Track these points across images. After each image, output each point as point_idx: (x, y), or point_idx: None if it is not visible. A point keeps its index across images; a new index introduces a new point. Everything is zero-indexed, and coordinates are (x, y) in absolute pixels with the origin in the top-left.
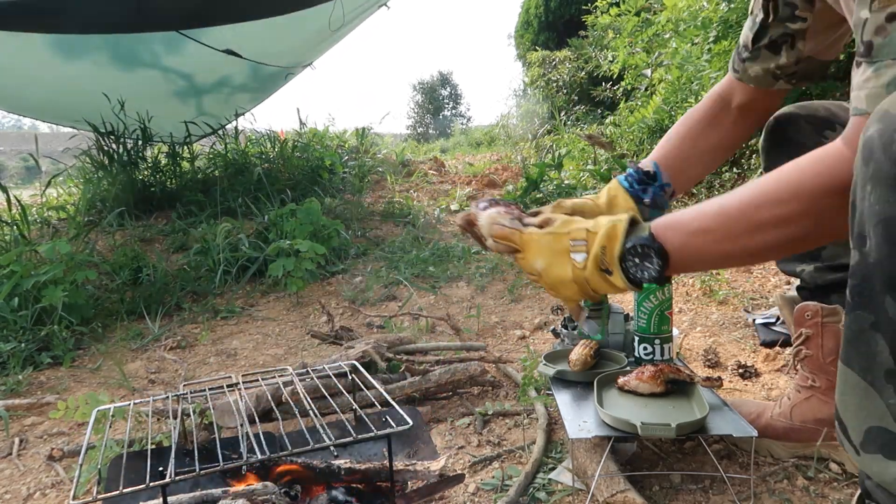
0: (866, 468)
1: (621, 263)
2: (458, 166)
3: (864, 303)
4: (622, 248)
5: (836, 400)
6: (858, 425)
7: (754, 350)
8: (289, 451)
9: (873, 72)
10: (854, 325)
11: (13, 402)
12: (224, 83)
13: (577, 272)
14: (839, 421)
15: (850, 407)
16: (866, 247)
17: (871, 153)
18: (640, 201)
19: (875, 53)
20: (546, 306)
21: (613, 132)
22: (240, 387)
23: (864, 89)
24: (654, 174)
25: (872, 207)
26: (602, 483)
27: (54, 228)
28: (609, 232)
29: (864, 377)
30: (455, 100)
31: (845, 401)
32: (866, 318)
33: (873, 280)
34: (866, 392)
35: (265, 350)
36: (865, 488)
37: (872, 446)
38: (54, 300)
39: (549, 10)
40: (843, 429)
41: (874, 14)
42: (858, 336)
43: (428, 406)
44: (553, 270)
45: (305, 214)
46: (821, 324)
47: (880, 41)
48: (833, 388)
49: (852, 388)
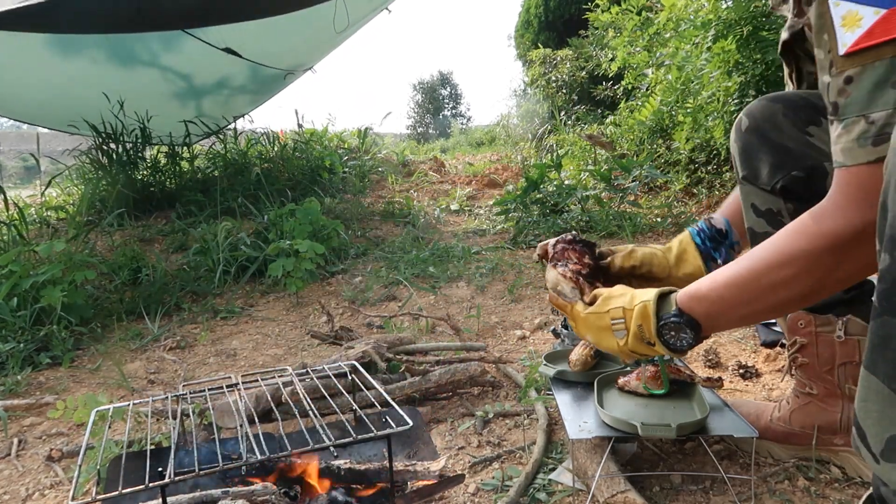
0: (886, 477)
1: (660, 337)
2: (459, 166)
3: (893, 307)
4: (657, 326)
5: (857, 406)
6: (880, 433)
7: (755, 350)
8: (288, 452)
9: (843, 128)
10: (881, 331)
11: (12, 402)
12: (223, 84)
13: (621, 346)
14: (857, 427)
15: (871, 414)
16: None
17: None
18: (710, 259)
19: (841, 112)
20: (546, 306)
21: (614, 132)
22: (239, 387)
23: (838, 144)
24: (726, 232)
25: None
26: (602, 483)
27: (53, 228)
28: (642, 312)
29: (890, 385)
30: (455, 100)
31: (867, 408)
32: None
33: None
34: (890, 399)
35: (265, 350)
36: (881, 495)
37: (894, 455)
38: (53, 300)
39: (549, 10)
40: (862, 436)
41: (834, 79)
42: (886, 342)
43: (428, 406)
44: (602, 343)
45: (304, 214)
46: (815, 333)
47: (843, 101)
48: (830, 395)
49: (875, 395)
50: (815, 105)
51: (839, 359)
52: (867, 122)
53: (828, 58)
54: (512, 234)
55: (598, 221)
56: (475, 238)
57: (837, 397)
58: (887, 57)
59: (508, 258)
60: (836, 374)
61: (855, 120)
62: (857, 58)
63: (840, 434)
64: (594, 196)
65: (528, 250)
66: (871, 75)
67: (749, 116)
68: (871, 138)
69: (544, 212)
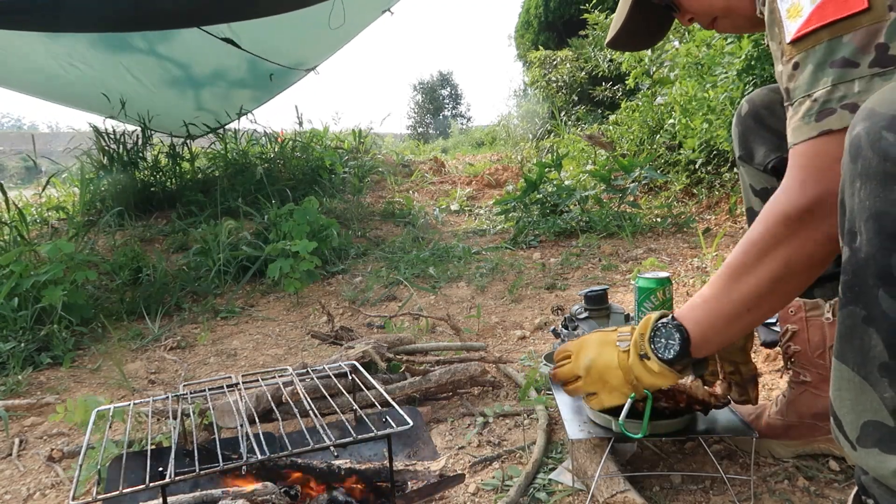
0: (863, 463)
1: (651, 344)
2: (459, 166)
3: (856, 298)
4: (651, 331)
5: (831, 396)
6: (854, 420)
7: (755, 350)
8: (289, 452)
9: (793, 110)
10: (847, 321)
11: (13, 402)
12: (221, 76)
13: (621, 357)
14: (834, 417)
15: (845, 402)
16: (857, 242)
17: (858, 150)
18: None
19: (792, 96)
20: (546, 306)
21: (614, 132)
22: (240, 387)
23: (790, 126)
24: None
25: (863, 203)
26: (602, 483)
27: (53, 228)
28: (644, 322)
29: (859, 372)
30: (455, 100)
31: (840, 396)
32: (859, 313)
33: (865, 275)
34: (861, 387)
35: (265, 350)
36: (862, 484)
37: (869, 441)
38: (54, 300)
39: (549, 10)
40: (839, 424)
41: (784, 66)
42: (852, 331)
43: (428, 406)
44: (601, 359)
45: (302, 214)
46: (805, 318)
47: (793, 85)
48: (824, 381)
49: (847, 384)
50: None
51: (829, 341)
52: (811, 100)
53: (779, 48)
54: (512, 234)
55: (597, 222)
56: (475, 238)
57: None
58: (825, 40)
59: (508, 258)
60: (828, 357)
61: (801, 100)
62: (800, 44)
63: None
64: (594, 196)
65: (528, 250)
66: (813, 58)
67: (749, 102)
68: (815, 115)
69: (544, 212)
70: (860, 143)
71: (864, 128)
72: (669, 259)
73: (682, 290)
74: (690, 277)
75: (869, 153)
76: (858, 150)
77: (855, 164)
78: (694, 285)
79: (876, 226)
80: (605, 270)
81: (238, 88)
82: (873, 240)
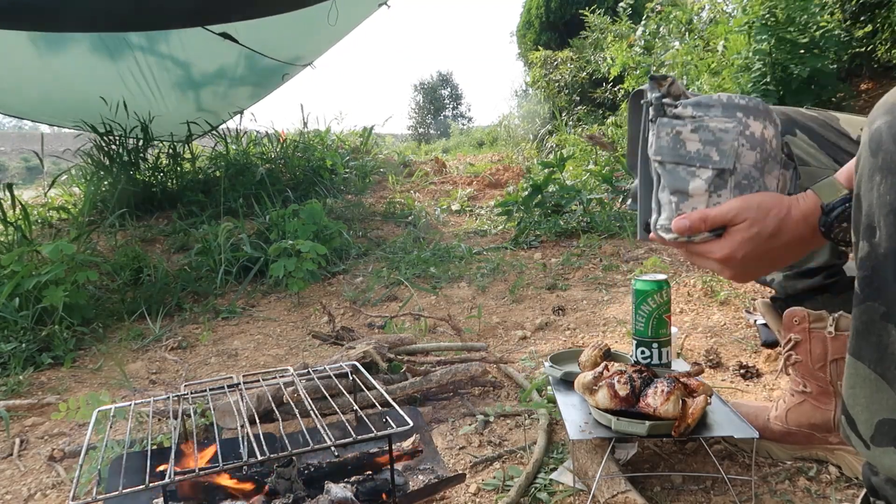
0: (877, 462)
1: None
2: (460, 166)
3: (874, 293)
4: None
5: (844, 394)
6: (869, 418)
7: (756, 350)
8: (289, 452)
9: None
10: (864, 317)
11: (14, 402)
12: (222, 74)
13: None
14: (847, 415)
15: (860, 400)
16: (876, 237)
17: (879, 144)
18: None
19: None
20: (547, 307)
21: (615, 133)
22: (241, 387)
23: None
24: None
25: (883, 197)
26: (603, 484)
27: (55, 229)
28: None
29: (875, 369)
30: (456, 100)
31: (855, 394)
32: (877, 309)
33: (885, 270)
34: (877, 384)
35: (266, 350)
36: (872, 485)
37: (884, 439)
38: (55, 300)
39: (550, 11)
40: (852, 423)
41: None
42: (869, 327)
43: (429, 406)
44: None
45: (309, 215)
46: (808, 329)
47: None
48: (824, 393)
49: (862, 381)
50: (793, 119)
51: (831, 355)
52: None
53: None
54: (513, 234)
55: (599, 222)
56: (476, 238)
57: (830, 395)
58: None
59: (510, 258)
60: (829, 370)
61: None
62: None
63: (835, 432)
64: (596, 198)
65: (529, 251)
66: None
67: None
68: None
69: (546, 212)
70: (881, 137)
71: (885, 122)
72: (671, 259)
73: (683, 291)
74: (691, 278)
75: (891, 146)
76: (879, 143)
77: (875, 157)
78: (695, 285)
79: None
80: (607, 270)
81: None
82: (894, 235)
